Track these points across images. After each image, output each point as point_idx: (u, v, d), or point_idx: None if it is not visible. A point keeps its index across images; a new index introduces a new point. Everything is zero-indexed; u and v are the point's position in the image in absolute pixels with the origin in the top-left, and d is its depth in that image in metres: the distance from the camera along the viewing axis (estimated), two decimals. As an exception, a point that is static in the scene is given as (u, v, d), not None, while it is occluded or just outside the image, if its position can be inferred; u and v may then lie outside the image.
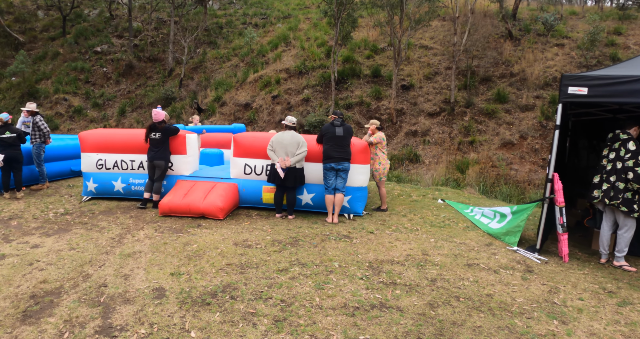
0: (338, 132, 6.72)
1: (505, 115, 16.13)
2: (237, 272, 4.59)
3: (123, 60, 22.48)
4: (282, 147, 6.64)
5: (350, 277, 4.59)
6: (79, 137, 7.53)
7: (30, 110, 8.41)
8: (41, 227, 6.00)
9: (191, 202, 6.48)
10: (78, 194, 8.14)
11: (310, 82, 18.14)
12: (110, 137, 7.39)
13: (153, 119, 7.01)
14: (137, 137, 7.30)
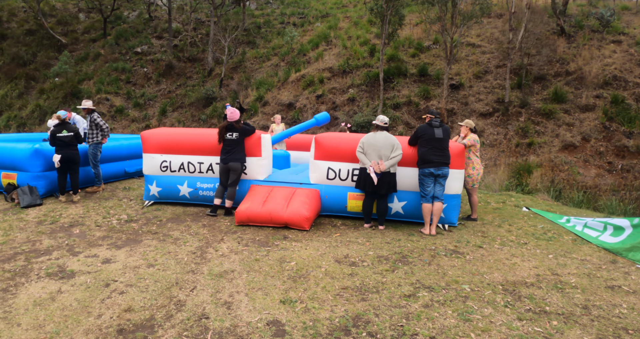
0: (437, 134, 5.86)
1: (564, 116, 14.94)
2: (358, 298, 3.78)
3: (163, 61, 22.02)
4: (374, 150, 5.81)
5: (492, 304, 3.79)
6: (142, 136, 6.83)
7: (87, 108, 7.76)
8: (107, 236, 5.31)
9: (273, 210, 5.68)
10: (138, 198, 7.46)
11: (355, 81, 17.26)
12: (176, 137, 6.67)
13: (228, 118, 6.25)
14: (206, 137, 6.57)
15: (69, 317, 3.30)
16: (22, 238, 5.17)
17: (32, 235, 5.32)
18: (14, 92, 22.20)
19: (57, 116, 7.08)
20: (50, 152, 7.45)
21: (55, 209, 6.64)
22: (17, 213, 6.42)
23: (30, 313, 3.35)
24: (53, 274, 4.09)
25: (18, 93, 22.17)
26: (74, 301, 3.56)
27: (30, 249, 4.78)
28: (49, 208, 6.72)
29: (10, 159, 7.51)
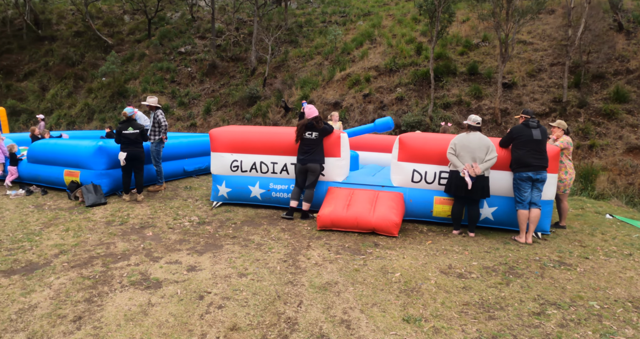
0: (536, 136, 5.31)
1: (628, 117, 13.93)
2: (484, 316, 3.31)
3: (206, 60, 21.97)
4: (468, 152, 5.29)
5: (630, 324, 3.32)
6: (210, 135, 6.50)
7: (151, 105, 7.53)
8: (184, 240, 4.97)
9: (359, 215, 5.24)
10: (203, 198, 7.16)
11: (403, 80, 16.67)
12: (247, 135, 6.31)
13: (306, 115, 5.84)
14: (281, 135, 6.18)
15: (169, 336, 2.94)
16: (94, 240, 4.89)
17: (103, 236, 5.04)
18: (64, 91, 22.63)
19: (124, 113, 6.86)
20: (114, 149, 7.24)
21: (121, 208, 6.38)
22: (83, 212, 6.20)
23: (124, 330, 2.99)
24: (137, 282, 3.76)
25: (67, 93, 22.59)
26: (170, 316, 3.20)
27: (106, 253, 4.49)
28: (114, 207, 6.47)
29: (73, 156, 7.33)
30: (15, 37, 26.45)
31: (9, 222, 5.68)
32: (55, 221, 5.74)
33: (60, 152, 7.53)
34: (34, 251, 4.53)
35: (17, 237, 5.01)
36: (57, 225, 5.54)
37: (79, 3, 25.31)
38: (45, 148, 7.84)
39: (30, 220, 5.77)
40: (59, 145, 7.64)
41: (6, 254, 4.44)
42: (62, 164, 7.59)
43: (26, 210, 6.38)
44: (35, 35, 26.12)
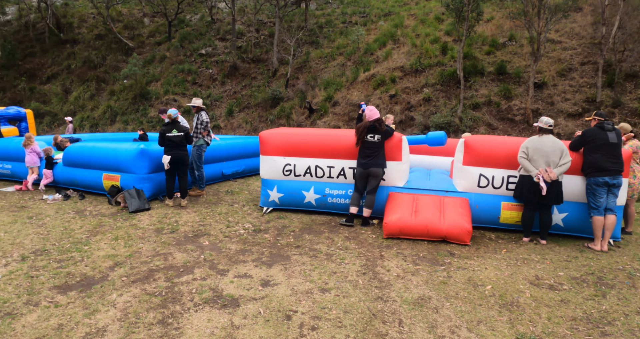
0: (612, 139, 4.93)
1: (665, 116, 13.38)
2: (597, 332, 3.01)
3: (227, 62, 21.71)
4: (542, 155, 4.90)
5: None
6: (261, 138, 6.15)
7: (197, 106, 7.21)
8: (246, 250, 4.62)
9: (429, 222, 4.87)
10: (249, 203, 6.82)
11: (429, 81, 16.23)
12: (302, 138, 5.94)
13: (367, 117, 5.46)
14: (337, 138, 5.81)
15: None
16: (149, 250, 4.56)
17: (157, 246, 4.70)
18: (86, 93, 22.51)
19: (169, 115, 6.54)
20: (156, 152, 6.92)
21: (167, 215, 6.05)
22: (128, 218, 5.88)
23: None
24: (210, 300, 3.40)
25: (90, 95, 22.47)
26: (261, 343, 2.86)
27: (165, 265, 4.14)
28: (159, 213, 6.15)
29: (113, 160, 7.02)
30: (37, 40, 26.45)
31: (52, 230, 5.39)
32: (100, 228, 5.43)
33: (99, 155, 7.23)
34: (86, 263, 4.21)
35: (64, 247, 4.71)
36: (103, 233, 5.23)
37: (101, 7, 25.20)
38: (83, 151, 7.54)
39: (74, 228, 5.47)
40: (98, 148, 7.34)
41: (57, 266, 4.13)
42: (100, 168, 7.29)
43: (67, 216, 6.09)
44: (57, 38, 26.09)
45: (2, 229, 5.43)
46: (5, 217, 6.09)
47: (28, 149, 8.34)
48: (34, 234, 5.19)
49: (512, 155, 5.27)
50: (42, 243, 4.82)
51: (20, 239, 4.98)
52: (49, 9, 25.87)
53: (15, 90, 23.68)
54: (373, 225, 5.63)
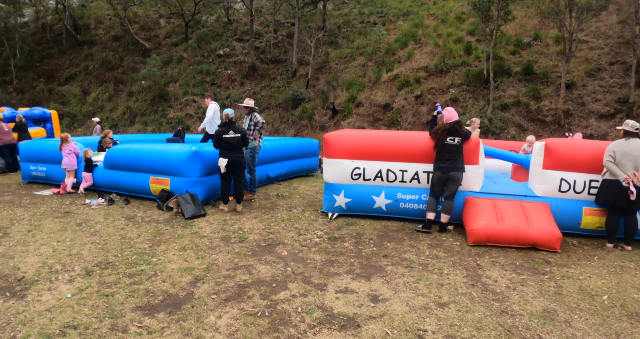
0: None
1: (700, 116, 12.94)
2: None
3: (246, 63, 21.32)
4: (630, 160, 4.58)
5: None
6: (326, 140, 5.72)
7: (249, 107, 6.81)
8: (333, 261, 4.23)
9: (518, 229, 4.51)
10: (308, 207, 6.42)
11: (455, 81, 15.79)
12: (372, 140, 5.54)
13: (445, 119, 5.06)
14: (411, 141, 5.42)
15: None
16: (226, 262, 4.16)
17: (233, 257, 4.31)
18: (105, 94, 22.16)
19: (226, 114, 6.12)
20: (209, 154, 6.52)
21: (227, 221, 5.67)
22: (186, 225, 5.49)
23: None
24: (325, 321, 3.00)
25: (108, 96, 22.11)
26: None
27: (252, 279, 3.74)
28: (217, 219, 5.76)
29: (162, 163, 6.64)
30: (55, 42, 26.11)
31: (108, 238, 5.02)
32: (160, 237, 5.05)
33: (147, 158, 6.84)
34: (162, 278, 3.83)
35: (129, 259, 4.33)
36: (166, 242, 4.85)
37: (118, 8, 24.83)
38: (128, 153, 7.16)
39: (132, 236, 5.10)
40: (145, 150, 6.95)
41: (130, 282, 3.74)
42: (147, 171, 6.90)
43: (118, 222, 5.72)
44: (74, 40, 25.74)
45: (53, 238, 5.08)
46: (52, 224, 5.73)
47: (66, 150, 7.95)
48: (89, 243, 4.82)
49: (595, 159, 4.91)
50: (103, 255, 4.45)
51: (77, 249, 4.62)
52: (66, 11, 25.51)
53: (33, 91, 23.34)
54: (450, 231, 5.25)
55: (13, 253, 4.46)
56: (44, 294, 3.47)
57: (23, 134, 11.50)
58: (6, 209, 6.65)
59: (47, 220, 5.89)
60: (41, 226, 5.60)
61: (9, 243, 4.86)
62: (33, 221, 5.83)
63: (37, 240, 4.97)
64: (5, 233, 5.31)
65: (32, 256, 4.38)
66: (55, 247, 4.70)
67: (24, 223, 5.78)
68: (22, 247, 4.72)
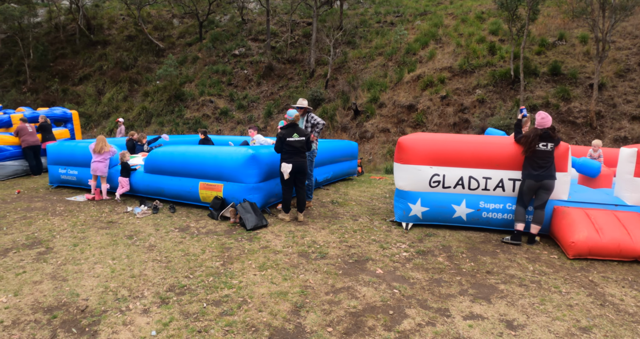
0: None
1: None
2: None
3: (262, 63, 20.82)
4: None
5: None
6: (401, 144, 5.21)
7: (304, 108, 6.30)
8: (439, 280, 3.76)
9: (620, 241, 4.07)
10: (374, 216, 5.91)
11: (481, 82, 15.31)
12: (454, 145, 5.04)
13: (537, 124, 4.59)
14: (495, 146, 4.92)
15: None
16: (320, 284, 3.65)
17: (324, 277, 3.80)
18: (120, 94, 21.65)
19: (296, 116, 5.55)
20: (266, 158, 5.98)
21: (294, 232, 5.15)
22: (251, 239, 4.95)
23: None
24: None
25: (123, 96, 21.60)
26: None
27: (363, 306, 3.23)
28: (282, 230, 5.23)
29: (214, 167, 6.09)
30: (68, 42, 25.58)
31: (170, 255, 4.48)
32: (228, 252, 4.51)
33: (196, 162, 6.28)
34: (256, 307, 3.27)
35: (205, 281, 3.78)
36: (239, 259, 4.31)
37: (132, 8, 24.30)
38: (173, 157, 6.60)
39: (195, 252, 4.56)
40: (193, 153, 6.39)
41: (220, 313, 3.18)
42: (196, 176, 6.35)
43: (173, 235, 5.17)
44: (87, 40, 25.21)
45: (106, 254, 4.53)
46: (98, 236, 5.17)
47: (103, 154, 7.45)
48: (150, 261, 4.29)
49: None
50: (172, 276, 3.89)
51: (138, 269, 4.07)
52: (80, 11, 24.99)
53: (48, 92, 22.83)
54: (538, 243, 4.77)
55: (65, 274, 3.92)
56: (120, 330, 2.91)
57: (47, 135, 10.92)
58: (41, 218, 6.14)
59: (91, 231, 5.37)
60: (87, 239, 5.05)
61: (57, 261, 4.33)
62: (76, 233, 5.30)
63: (88, 257, 4.42)
64: (48, 247, 4.78)
65: (89, 278, 3.83)
66: (112, 266, 4.16)
67: (65, 235, 5.23)
68: (73, 266, 4.16)
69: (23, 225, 5.69)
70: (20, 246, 4.79)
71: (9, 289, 3.60)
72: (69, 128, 13.76)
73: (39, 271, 4.02)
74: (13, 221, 5.94)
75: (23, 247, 4.77)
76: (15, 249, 4.69)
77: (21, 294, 3.52)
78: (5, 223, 5.88)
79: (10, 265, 4.20)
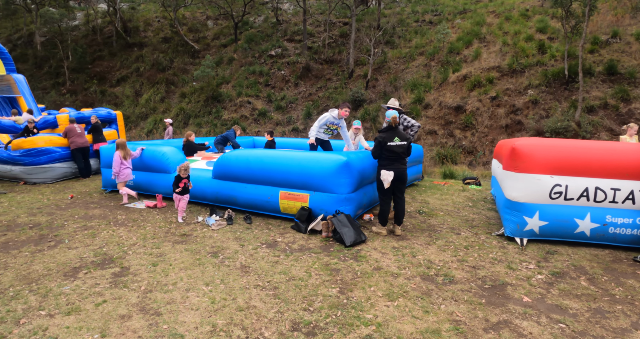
0: None
1: None
2: None
3: (299, 63, 20.54)
4: None
5: None
6: (516, 150, 4.68)
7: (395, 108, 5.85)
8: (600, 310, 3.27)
9: None
10: (472, 228, 5.41)
11: (533, 82, 14.66)
12: (577, 152, 4.52)
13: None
14: (626, 153, 4.42)
15: None
16: (471, 318, 3.19)
17: (469, 308, 3.33)
18: (157, 96, 21.65)
19: (393, 117, 4.96)
20: (359, 165, 5.51)
21: (399, 249, 4.64)
22: (355, 257, 4.43)
23: None
24: None
25: (160, 97, 21.60)
26: None
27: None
28: (384, 246, 4.74)
29: (300, 174, 5.56)
30: (105, 44, 25.79)
31: (273, 279, 3.88)
32: (339, 276, 3.98)
33: (277, 168, 5.77)
34: None
35: (332, 315, 3.22)
36: (356, 285, 3.77)
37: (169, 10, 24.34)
38: (249, 162, 6.10)
39: (299, 275, 4.00)
40: (273, 158, 5.88)
41: None
42: (277, 184, 5.87)
43: (263, 252, 4.66)
44: (124, 42, 25.38)
45: (195, 277, 3.93)
46: (176, 253, 4.61)
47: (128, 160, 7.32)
48: (252, 287, 3.71)
49: None
50: (289, 309, 3.33)
51: (242, 298, 3.49)
52: (117, 14, 25.18)
53: (86, 93, 23.03)
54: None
55: (155, 306, 3.36)
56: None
57: (99, 136, 10.58)
58: (104, 228, 5.66)
59: (166, 247, 4.83)
60: (165, 256, 4.50)
61: (139, 286, 3.75)
62: (149, 249, 4.76)
63: (176, 282, 3.83)
64: (123, 267, 4.22)
65: (187, 312, 3.26)
66: (209, 294, 3.56)
67: (138, 250, 4.71)
68: (162, 294, 3.58)
69: (86, 237, 5.26)
70: (89, 265, 4.31)
71: (94, 327, 3.04)
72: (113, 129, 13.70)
73: (123, 301, 3.47)
74: (74, 231, 5.52)
75: (94, 266, 4.27)
76: (85, 268, 4.20)
77: (110, 334, 2.95)
78: (66, 234, 5.43)
79: (86, 291, 3.67)
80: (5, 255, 4.64)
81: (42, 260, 4.46)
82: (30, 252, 4.71)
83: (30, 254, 4.66)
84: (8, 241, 5.12)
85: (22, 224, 5.91)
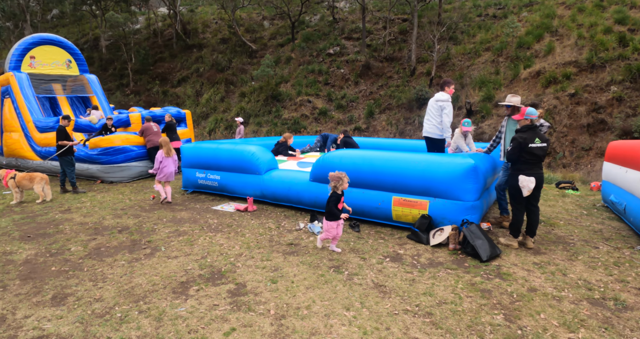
0: None
1: None
2: None
3: (359, 61, 20.44)
4: None
5: None
6: None
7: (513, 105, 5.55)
8: None
9: None
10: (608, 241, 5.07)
11: (615, 77, 13.84)
12: None
13: None
14: None
15: None
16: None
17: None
18: (217, 95, 22.23)
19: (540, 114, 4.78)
20: (485, 169, 5.28)
21: (542, 265, 4.38)
22: (502, 276, 4.10)
23: None
24: None
25: (220, 97, 22.16)
26: None
27: None
28: (523, 261, 4.49)
29: (420, 179, 5.23)
30: (166, 46, 26.75)
31: (420, 302, 3.47)
32: (495, 299, 3.57)
33: (390, 171, 5.44)
34: None
35: None
36: (521, 311, 3.30)
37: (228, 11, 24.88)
38: (356, 164, 5.77)
39: (448, 297, 3.57)
40: (385, 160, 5.55)
41: None
42: (389, 188, 5.56)
43: (390, 267, 4.28)
44: (183, 44, 26.21)
45: (328, 298, 3.50)
46: (293, 267, 4.17)
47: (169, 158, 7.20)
48: (402, 313, 3.25)
49: None
50: None
51: (397, 328, 3.05)
52: (177, 16, 26.03)
53: (149, 93, 24.00)
54: None
55: (299, 337, 2.91)
56: None
57: (173, 135, 10.48)
58: (199, 234, 5.31)
59: (278, 259, 4.41)
60: (281, 271, 4.07)
61: (267, 309, 3.28)
62: (259, 261, 4.35)
63: (309, 305, 3.36)
64: (239, 284, 3.76)
65: None
66: (355, 322, 3.09)
67: (247, 263, 4.29)
68: (299, 320, 3.11)
69: (183, 244, 4.92)
70: (198, 279, 3.90)
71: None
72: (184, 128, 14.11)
73: (256, 330, 2.99)
74: (167, 237, 5.21)
75: (203, 281, 3.85)
76: (194, 283, 3.80)
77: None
78: (160, 240, 5.10)
79: (205, 314, 3.21)
80: (100, 264, 4.35)
81: (143, 271, 4.11)
82: (127, 261, 4.41)
83: (128, 263, 4.34)
84: (99, 247, 4.90)
85: (110, 227, 5.72)
